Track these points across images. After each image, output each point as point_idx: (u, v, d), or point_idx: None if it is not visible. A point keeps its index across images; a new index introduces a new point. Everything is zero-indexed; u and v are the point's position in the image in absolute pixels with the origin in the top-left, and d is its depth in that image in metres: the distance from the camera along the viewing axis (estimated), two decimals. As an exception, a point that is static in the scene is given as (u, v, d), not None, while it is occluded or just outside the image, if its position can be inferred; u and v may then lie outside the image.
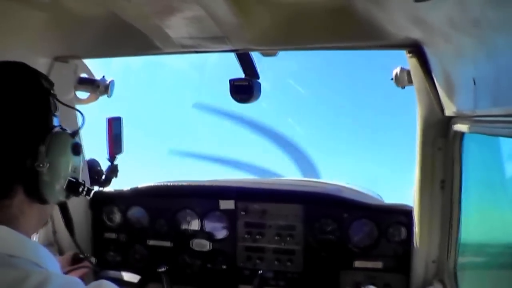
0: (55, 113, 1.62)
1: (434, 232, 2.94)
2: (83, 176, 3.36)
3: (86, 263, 2.72)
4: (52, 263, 1.51)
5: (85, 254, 2.32)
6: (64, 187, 1.64)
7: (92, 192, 1.84)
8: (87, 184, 1.76)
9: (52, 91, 1.62)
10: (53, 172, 1.55)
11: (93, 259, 2.85)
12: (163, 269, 3.25)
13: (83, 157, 3.36)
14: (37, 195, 1.52)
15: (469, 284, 2.97)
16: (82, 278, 2.12)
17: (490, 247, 2.85)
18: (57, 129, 1.59)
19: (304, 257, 3.49)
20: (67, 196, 1.69)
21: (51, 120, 1.59)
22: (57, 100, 1.64)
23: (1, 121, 1.46)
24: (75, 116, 3.13)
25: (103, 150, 3.47)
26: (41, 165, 1.48)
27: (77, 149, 1.68)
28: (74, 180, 1.68)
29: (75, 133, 1.71)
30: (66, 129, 1.66)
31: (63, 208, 1.84)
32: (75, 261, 2.75)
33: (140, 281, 3.38)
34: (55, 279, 1.34)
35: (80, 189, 1.71)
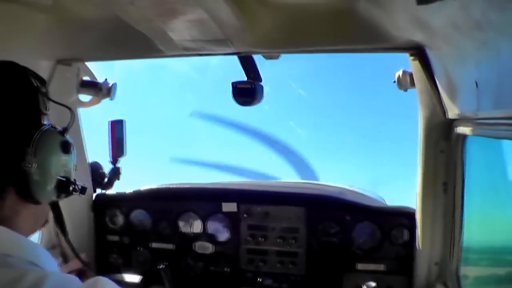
0: (45, 112, 1.58)
1: (436, 235, 2.94)
2: (86, 179, 3.39)
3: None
4: (50, 262, 1.50)
5: (79, 255, 2.29)
6: (53, 186, 1.60)
7: (86, 190, 1.79)
8: (88, 186, 1.73)
9: (42, 89, 1.58)
10: (42, 171, 1.52)
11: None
12: (162, 266, 3.25)
13: (86, 157, 3.40)
14: (29, 195, 1.49)
15: (472, 286, 2.97)
16: (80, 276, 2.12)
17: (493, 250, 2.85)
18: (45, 127, 1.54)
19: (306, 259, 3.48)
20: (58, 196, 1.65)
21: (41, 119, 1.55)
22: (47, 98, 1.60)
23: None
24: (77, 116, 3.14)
25: (106, 152, 3.48)
26: (28, 165, 1.45)
27: (66, 147, 1.64)
28: (64, 179, 1.63)
29: (65, 130, 1.66)
30: (57, 127, 1.62)
31: (55, 208, 1.79)
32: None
33: (141, 281, 3.38)
34: (51, 278, 1.32)
35: (71, 188, 1.66)
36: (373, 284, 3.13)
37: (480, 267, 3.00)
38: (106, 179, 3.57)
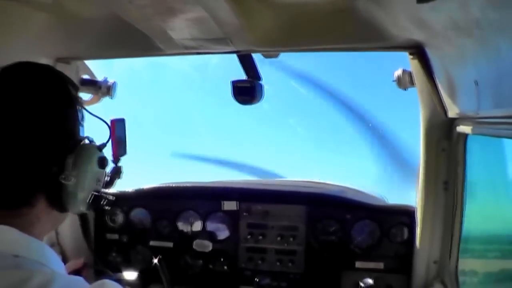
0: (82, 123, 1.58)
1: (436, 233, 2.95)
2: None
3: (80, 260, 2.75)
4: (58, 263, 1.50)
5: (98, 258, 2.31)
6: (88, 200, 1.61)
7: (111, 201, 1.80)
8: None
9: (79, 99, 1.59)
10: (79, 184, 1.51)
11: None
12: (157, 260, 3.24)
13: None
14: (58, 205, 1.50)
15: (470, 285, 2.97)
16: (82, 275, 2.13)
17: (492, 249, 2.85)
18: (85, 140, 1.56)
19: (306, 258, 3.49)
20: (89, 208, 1.65)
21: (79, 130, 1.56)
22: (84, 108, 1.61)
23: (29, 128, 1.42)
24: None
25: (107, 151, 3.47)
26: (67, 178, 1.45)
27: (103, 163, 1.66)
28: (98, 194, 1.65)
29: (103, 146, 1.69)
30: (93, 140, 1.62)
31: (83, 218, 1.85)
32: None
33: (140, 280, 3.38)
34: (58, 279, 1.33)
35: (102, 201, 1.69)
36: (370, 281, 3.13)
37: (479, 266, 3.00)
38: (107, 178, 3.56)
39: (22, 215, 1.44)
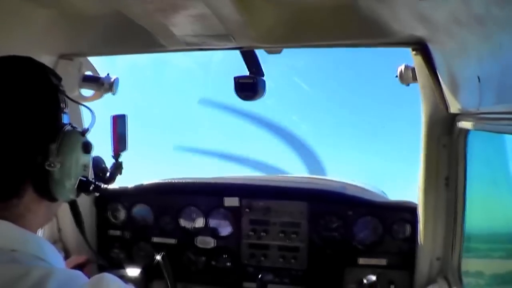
0: (65, 110, 1.58)
1: (438, 229, 2.94)
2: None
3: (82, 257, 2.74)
4: (56, 258, 1.51)
5: (95, 251, 2.30)
6: (75, 186, 1.62)
7: (101, 188, 1.81)
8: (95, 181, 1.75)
9: (60, 87, 1.59)
10: (64, 171, 1.53)
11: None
12: (160, 256, 3.24)
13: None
14: (46, 194, 1.50)
15: (473, 282, 2.97)
16: (81, 270, 2.13)
17: (495, 245, 2.85)
18: (68, 127, 1.56)
19: (308, 254, 3.49)
20: (77, 195, 1.68)
21: (61, 118, 1.56)
22: (66, 96, 1.61)
23: (10, 118, 1.43)
24: (80, 113, 3.14)
25: (107, 147, 3.47)
26: (52, 164, 1.46)
27: (87, 148, 1.66)
28: (85, 179, 1.67)
29: (85, 131, 1.68)
30: (77, 127, 1.63)
31: (73, 206, 1.83)
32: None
33: (142, 276, 3.38)
34: (57, 273, 1.33)
35: (91, 187, 1.70)
36: (373, 277, 3.13)
37: (482, 262, 3.00)
38: (108, 174, 3.56)
39: (11, 207, 1.44)
